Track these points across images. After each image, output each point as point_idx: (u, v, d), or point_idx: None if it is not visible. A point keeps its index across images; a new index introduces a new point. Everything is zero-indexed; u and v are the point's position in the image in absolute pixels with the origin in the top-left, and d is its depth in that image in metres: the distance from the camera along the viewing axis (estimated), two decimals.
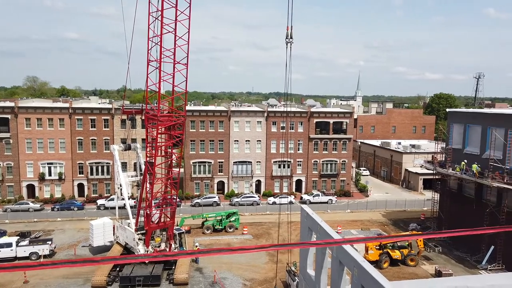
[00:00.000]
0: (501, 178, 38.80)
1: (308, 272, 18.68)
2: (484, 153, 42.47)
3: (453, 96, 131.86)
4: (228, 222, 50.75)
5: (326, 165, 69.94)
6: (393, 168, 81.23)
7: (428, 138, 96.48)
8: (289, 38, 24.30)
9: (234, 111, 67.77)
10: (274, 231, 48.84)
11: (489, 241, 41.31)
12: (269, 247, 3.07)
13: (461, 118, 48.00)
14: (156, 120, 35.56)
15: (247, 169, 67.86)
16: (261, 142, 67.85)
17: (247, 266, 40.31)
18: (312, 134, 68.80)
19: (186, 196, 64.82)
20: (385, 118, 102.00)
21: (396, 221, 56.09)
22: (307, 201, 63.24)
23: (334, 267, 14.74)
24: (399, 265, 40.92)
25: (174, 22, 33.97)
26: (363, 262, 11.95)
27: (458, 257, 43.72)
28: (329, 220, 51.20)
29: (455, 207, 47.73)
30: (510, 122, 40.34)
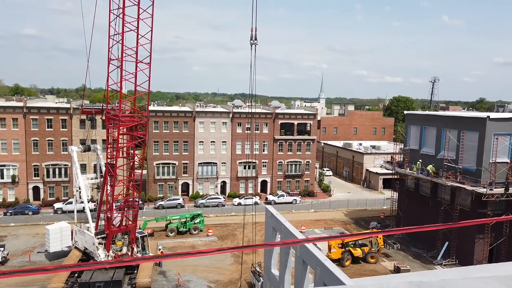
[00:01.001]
0: (454, 177, 40.97)
1: (273, 272, 18.80)
2: (439, 154, 44.67)
3: (411, 99, 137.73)
4: (192, 224, 50.16)
5: (290, 166, 70.83)
6: (354, 168, 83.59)
7: (387, 139, 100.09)
8: (254, 39, 24.42)
9: (199, 112, 67.14)
10: (240, 232, 48.83)
11: (444, 238, 43.48)
12: (232, 249, 3.05)
13: (418, 120, 50.23)
14: (118, 121, 34.53)
15: (212, 170, 67.42)
16: (227, 143, 67.65)
17: (212, 268, 40.03)
18: (277, 135, 69.46)
19: (149, 198, 63.39)
20: (347, 120, 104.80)
21: (357, 220, 57.75)
22: (272, 201, 63.74)
23: (298, 266, 14.94)
24: (360, 263, 42.16)
25: (136, 21, 33.17)
26: (325, 261, 12.18)
27: (415, 253, 45.67)
28: (293, 220, 51.84)
29: (412, 205, 49.84)
30: (463, 124, 42.70)
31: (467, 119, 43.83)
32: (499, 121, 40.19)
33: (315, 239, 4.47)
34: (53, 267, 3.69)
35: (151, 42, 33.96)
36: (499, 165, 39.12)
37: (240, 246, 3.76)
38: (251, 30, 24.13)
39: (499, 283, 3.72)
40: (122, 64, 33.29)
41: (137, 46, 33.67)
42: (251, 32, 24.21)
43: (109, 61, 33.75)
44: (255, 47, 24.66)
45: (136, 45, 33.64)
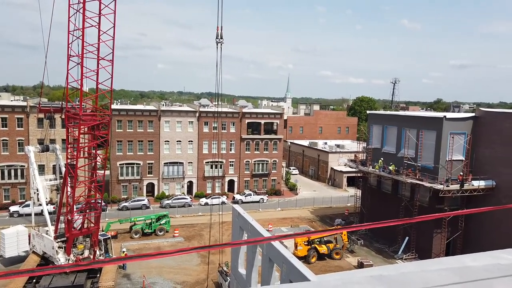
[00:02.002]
0: (414, 174, 42.70)
1: (239, 271, 18.80)
2: (400, 152, 46.39)
3: (373, 99, 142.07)
4: (158, 225, 49.22)
5: (257, 165, 71.10)
6: (320, 167, 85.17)
7: (351, 138, 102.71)
8: (219, 38, 24.28)
9: (165, 111, 65.96)
10: (206, 232, 48.43)
11: (404, 233, 45.22)
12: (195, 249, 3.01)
13: (380, 119, 51.92)
14: (78, 120, 33.24)
15: (179, 170, 66.45)
16: (193, 142, 66.89)
17: (178, 269, 39.47)
18: (244, 134, 69.49)
19: (112, 199, 61.54)
20: (312, 119, 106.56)
21: (323, 217, 58.90)
22: (239, 201, 63.73)
23: (264, 265, 15.03)
24: (326, 259, 43.05)
25: (97, 16, 32.06)
26: (291, 258, 12.32)
27: (377, 248, 47.20)
28: (260, 219, 52.14)
29: (375, 202, 51.47)
30: (422, 123, 44.58)
31: (425, 119, 45.80)
32: (454, 120, 42.29)
33: (280, 236, 4.49)
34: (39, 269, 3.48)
35: (113, 38, 32.94)
36: (455, 162, 41.18)
37: (202, 246, 3.70)
38: (216, 29, 23.98)
39: (454, 274, 3.91)
40: (83, 61, 32.08)
41: (98, 42, 32.55)
42: (217, 30, 24.06)
43: (68, 58, 32.41)
44: (221, 46, 24.52)
45: (98, 42, 32.52)
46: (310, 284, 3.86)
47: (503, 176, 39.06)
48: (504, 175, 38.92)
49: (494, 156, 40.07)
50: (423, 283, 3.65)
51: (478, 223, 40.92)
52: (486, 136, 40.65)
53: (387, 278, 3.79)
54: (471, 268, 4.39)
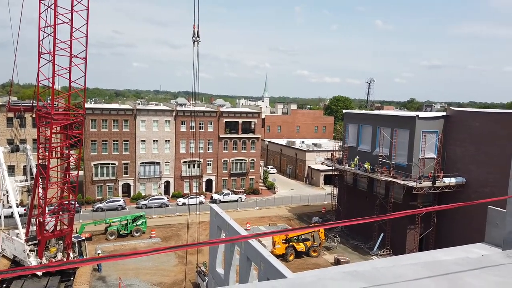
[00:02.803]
0: (388, 172, 43.70)
1: (217, 270, 18.74)
2: (375, 150, 47.37)
3: (349, 99, 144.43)
4: (134, 226, 48.42)
5: (235, 164, 71.02)
6: (297, 165, 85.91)
7: (328, 137, 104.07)
8: (196, 36, 24.08)
9: (141, 110, 64.90)
10: (184, 233, 48.00)
11: (379, 230, 46.23)
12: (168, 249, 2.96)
13: (355, 119, 52.85)
14: (50, 119, 32.25)
15: (155, 170, 65.55)
16: (170, 142, 66.12)
17: (155, 270, 38.96)
18: (221, 133, 69.24)
19: (86, 200, 60.08)
20: (290, 119, 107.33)
21: (300, 216, 59.45)
22: (217, 200, 63.47)
23: (242, 263, 15.03)
24: (303, 257, 43.48)
25: (70, 13, 31.19)
26: (269, 256, 12.38)
27: (354, 245, 48.05)
28: (238, 218, 52.11)
29: (351, 200, 52.37)
30: (395, 122, 45.67)
31: (399, 118, 46.94)
32: (426, 119, 43.54)
33: (257, 234, 4.50)
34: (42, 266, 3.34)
35: (86, 36, 32.12)
36: (427, 160, 42.40)
37: (177, 246, 3.60)
38: (193, 27, 23.75)
39: (425, 268, 4.02)
40: (55, 59, 31.14)
41: (71, 39, 31.67)
42: (194, 29, 23.85)
43: (39, 55, 31.39)
44: (198, 44, 24.33)
45: (70, 39, 31.64)
46: (286, 281, 3.89)
47: (472, 173, 40.51)
48: (473, 172, 40.37)
49: (464, 154, 41.51)
50: (395, 277, 3.73)
51: (449, 218, 42.29)
52: (456, 134, 42.05)
53: (360, 273, 3.86)
54: (441, 262, 4.53)
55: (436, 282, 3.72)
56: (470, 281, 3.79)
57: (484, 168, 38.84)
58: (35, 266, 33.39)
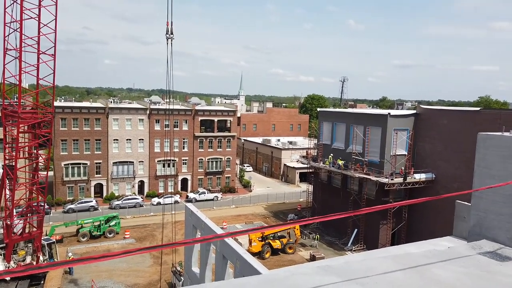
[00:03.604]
0: (361, 169, 44.63)
1: (193, 270, 18.63)
2: (348, 148, 48.25)
3: (323, 97, 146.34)
4: (107, 227, 47.36)
5: (211, 163, 70.63)
6: (273, 163, 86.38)
7: (303, 135, 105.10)
8: (170, 33, 23.74)
9: (113, 108, 63.47)
10: (159, 233, 47.36)
11: (353, 226, 47.16)
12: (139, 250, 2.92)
13: (330, 117, 53.64)
14: (17, 118, 31.03)
15: (129, 169, 64.30)
16: (144, 141, 65.00)
17: (129, 271, 38.27)
18: (197, 132, 68.68)
19: (57, 202, 58.25)
20: (265, 117, 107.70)
21: (276, 213, 59.84)
22: (193, 199, 62.96)
23: (218, 262, 15.00)
24: (280, 254, 43.80)
25: (37, 8, 30.06)
26: (245, 254, 12.42)
27: (329, 241, 48.81)
28: (215, 217, 51.88)
29: (325, 197, 53.16)
30: (368, 120, 46.66)
31: (371, 116, 47.99)
32: (398, 117, 44.72)
33: (232, 233, 4.50)
34: None
35: (55, 32, 31.05)
36: (398, 157, 43.58)
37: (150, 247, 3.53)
38: (166, 24, 23.40)
39: (393, 261, 4.16)
40: (21, 55, 29.95)
41: (38, 35, 30.54)
42: (167, 26, 23.50)
43: (5, 52, 30.10)
44: (171, 41, 23.99)
45: (38, 35, 30.50)
46: (259, 276, 3.92)
47: (441, 169, 41.96)
48: (442, 168, 41.81)
49: (433, 150, 42.92)
50: (366, 270, 3.83)
51: (419, 213, 43.65)
52: (426, 132, 43.42)
53: (332, 267, 3.95)
54: (410, 255, 4.68)
55: (405, 274, 3.85)
56: (437, 272, 3.94)
57: (452, 164, 40.30)
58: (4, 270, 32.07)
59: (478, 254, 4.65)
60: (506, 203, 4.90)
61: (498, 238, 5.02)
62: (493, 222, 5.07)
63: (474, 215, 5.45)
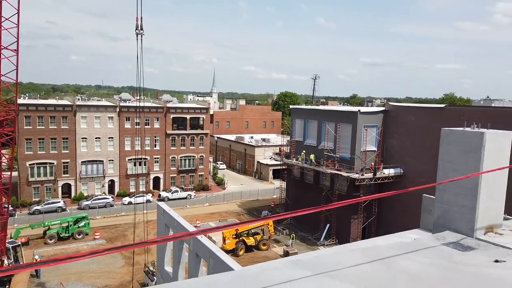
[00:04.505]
0: (333, 165, 45.44)
1: (166, 269, 18.42)
2: (320, 144, 48.99)
3: (296, 95, 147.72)
4: (76, 228, 46.01)
5: (184, 161, 69.88)
6: (247, 161, 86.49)
7: (276, 132, 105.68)
8: (139, 29, 23.22)
9: (81, 106, 61.56)
10: (131, 233, 46.43)
11: (325, 221, 47.99)
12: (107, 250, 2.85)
13: (302, 114, 54.24)
14: None
15: (98, 168, 62.62)
16: (114, 139, 63.45)
17: (100, 273, 37.36)
18: (169, 130, 67.72)
19: (22, 203, 55.97)
20: (239, 114, 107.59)
21: (250, 210, 60.01)
22: (165, 198, 62.12)
23: (191, 261, 14.89)
24: (254, 251, 43.99)
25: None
26: (218, 252, 12.40)
27: (302, 237, 49.45)
28: (188, 215, 51.41)
29: (298, 193, 53.79)
30: (339, 117, 47.53)
31: (342, 113, 48.90)
32: (367, 114, 45.80)
33: (203, 230, 4.47)
34: None
35: (18, 26, 29.73)
36: (368, 153, 44.66)
37: (118, 247, 3.42)
38: (136, 20, 22.87)
39: (361, 254, 4.27)
40: None
41: (0, 30, 29.13)
42: (136, 21, 22.96)
43: None
44: (141, 37, 23.47)
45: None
46: (231, 273, 3.93)
47: (409, 165, 43.35)
48: (409, 163, 43.20)
49: (401, 146, 44.26)
50: (336, 264, 3.92)
51: (389, 208, 44.96)
52: (394, 128, 44.70)
53: (303, 262, 4.02)
54: (378, 248, 4.82)
55: (373, 266, 3.96)
56: (403, 263, 4.08)
57: (419, 159, 41.69)
58: None
59: (442, 245, 4.85)
60: (467, 195, 5.12)
61: (460, 229, 5.24)
62: (455, 214, 5.30)
63: (438, 207, 5.67)
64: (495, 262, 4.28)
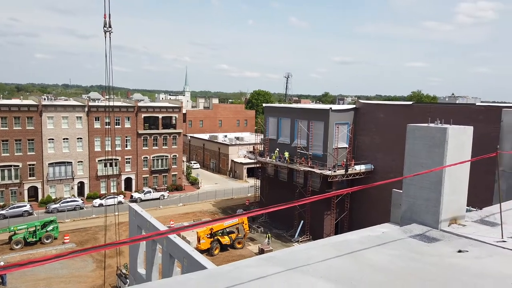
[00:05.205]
0: (306, 162, 46.00)
1: (139, 271, 18.10)
2: (293, 142, 49.45)
3: (269, 93, 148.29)
4: (44, 232, 44.41)
5: (156, 161, 68.79)
6: (221, 159, 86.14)
7: (249, 131, 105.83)
8: (108, 27, 22.62)
9: (47, 106, 59.38)
10: (102, 235, 45.27)
11: (299, 217, 48.53)
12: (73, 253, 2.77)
13: (275, 112, 54.55)
14: None
15: (67, 170, 60.64)
16: (83, 139, 61.61)
17: (70, 278, 36.26)
18: (140, 129, 66.44)
19: None
20: (212, 113, 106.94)
21: (225, 209, 59.85)
22: (138, 199, 60.95)
23: (165, 261, 14.71)
24: (229, 250, 43.91)
25: None
26: (192, 252, 12.31)
27: (277, 234, 49.80)
28: (161, 216, 50.73)
29: (273, 191, 54.13)
30: (311, 115, 48.13)
31: (314, 111, 49.55)
32: (339, 112, 46.62)
33: (176, 229, 4.43)
34: None
35: None
36: (340, 150, 45.49)
37: (83, 249, 3.25)
38: (104, 17, 22.26)
39: (333, 248, 4.35)
40: None
41: None
42: (104, 18, 22.35)
43: None
44: (110, 35, 22.87)
45: None
46: (204, 271, 3.91)
47: (379, 161, 44.48)
48: (380, 159, 44.34)
49: (371, 143, 45.35)
50: (307, 259, 3.98)
51: (360, 203, 45.99)
52: (364, 125, 45.74)
53: (276, 258, 4.05)
54: (348, 242, 4.93)
55: (342, 260, 4.05)
56: (370, 256, 4.19)
57: (389, 155, 42.85)
58: None
59: (408, 237, 5.01)
60: (432, 189, 5.32)
61: (426, 222, 5.43)
62: (421, 207, 5.49)
63: (405, 201, 5.85)
64: (458, 252, 4.47)
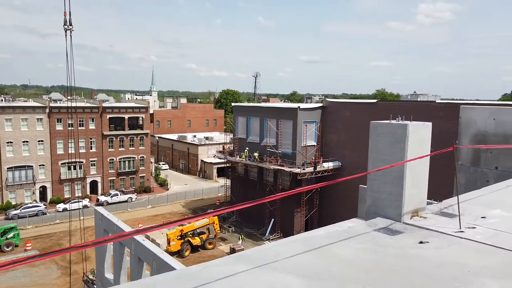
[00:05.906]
0: (276, 161, 46.37)
1: (106, 276, 17.61)
2: (263, 141, 49.72)
3: (238, 92, 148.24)
4: (4, 240, 42.34)
5: (123, 163, 67.14)
6: (190, 160, 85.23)
7: (219, 130, 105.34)
8: (68, 25, 21.80)
9: (4, 107, 56.55)
10: (67, 241, 43.70)
11: (270, 216, 48.87)
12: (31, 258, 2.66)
13: (244, 111, 54.61)
14: None
15: (27, 174, 58.00)
16: (44, 142, 59.13)
17: (33, 286, 34.78)
18: (106, 130, 64.58)
19: None
20: (180, 113, 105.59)
21: (195, 210, 59.31)
22: (104, 202, 59.27)
23: (133, 265, 14.39)
24: (200, 250, 43.58)
25: None
26: (161, 254, 12.13)
27: (248, 233, 49.92)
28: (130, 219, 49.65)
29: (243, 190, 54.17)
30: (280, 114, 48.56)
31: (283, 110, 50.03)
32: (307, 110, 47.32)
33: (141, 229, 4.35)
34: None
35: None
36: (309, 148, 46.20)
37: (42, 254, 3.10)
38: (64, 14, 21.43)
39: (302, 244, 4.42)
40: None
41: None
42: (65, 16, 21.53)
43: None
44: (71, 33, 22.05)
45: None
46: (172, 273, 3.86)
47: (346, 158, 45.54)
48: (347, 156, 45.40)
49: (339, 140, 46.35)
50: (275, 255, 4.02)
51: (329, 200, 46.92)
52: (332, 123, 46.68)
53: (244, 256, 4.07)
54: (315, 237, 5.02)
55: (310, 255, 4.12)
56: (337, 250, 4.29)
57: (355, 152, 43.94)
58: None
59: (373, 231, 5.16)
60: (394, 183, 5.51)
61: (389, 215, 5.62)
62: (384, 201, 5.67)
63: (369, 196, 6.03)
64: (419, 243, 4.66)
